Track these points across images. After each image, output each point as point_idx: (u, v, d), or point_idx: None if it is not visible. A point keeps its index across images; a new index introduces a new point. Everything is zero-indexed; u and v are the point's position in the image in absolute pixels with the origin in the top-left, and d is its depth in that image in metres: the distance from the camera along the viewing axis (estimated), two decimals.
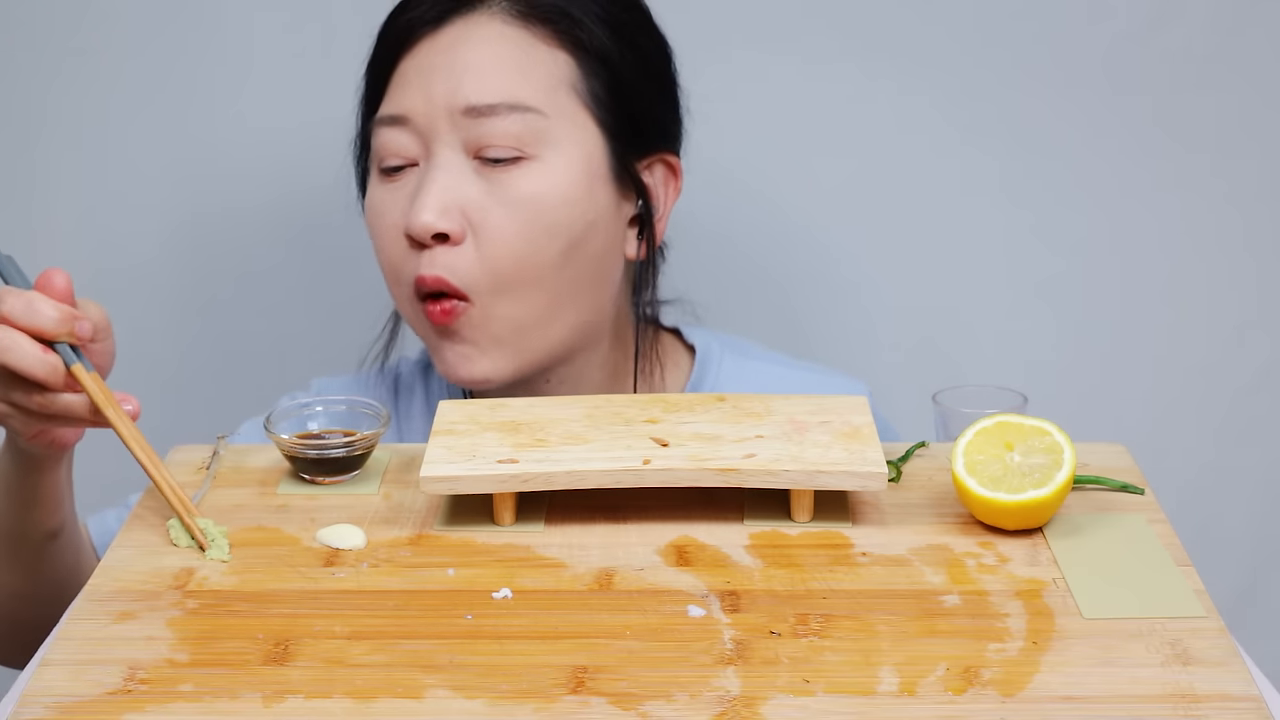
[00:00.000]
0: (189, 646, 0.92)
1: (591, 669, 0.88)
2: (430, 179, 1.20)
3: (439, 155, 1.21)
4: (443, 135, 1.20)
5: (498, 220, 1.20)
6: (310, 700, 0.86)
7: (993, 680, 0.87)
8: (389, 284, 1.26)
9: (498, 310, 1.22)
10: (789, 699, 0.86)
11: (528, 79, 1.20)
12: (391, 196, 1.23)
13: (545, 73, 1.21)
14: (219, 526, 1.03)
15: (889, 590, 0.96)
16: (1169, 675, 0.88)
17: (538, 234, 1.20)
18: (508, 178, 1.20)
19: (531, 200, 1.20)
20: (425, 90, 1.20)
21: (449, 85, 1.20)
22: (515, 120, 1.19)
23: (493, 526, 1.04)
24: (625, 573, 0.98)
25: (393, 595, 0.96)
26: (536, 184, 1.20)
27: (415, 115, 1.21)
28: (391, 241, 1.23)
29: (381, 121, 1.23)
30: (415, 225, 1.19)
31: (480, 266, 1.20)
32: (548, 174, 1.20)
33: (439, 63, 1.21)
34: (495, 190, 1.20)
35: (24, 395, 1.05)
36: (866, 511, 1.05)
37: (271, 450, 1.13)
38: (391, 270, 1.24)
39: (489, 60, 1.20)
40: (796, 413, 1.10)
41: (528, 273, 1.21)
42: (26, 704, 0.87)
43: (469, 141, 1.20)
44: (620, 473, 1.03)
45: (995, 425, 1.04)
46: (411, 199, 1.21)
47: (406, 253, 1.22)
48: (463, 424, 1.09)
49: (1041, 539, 1.02)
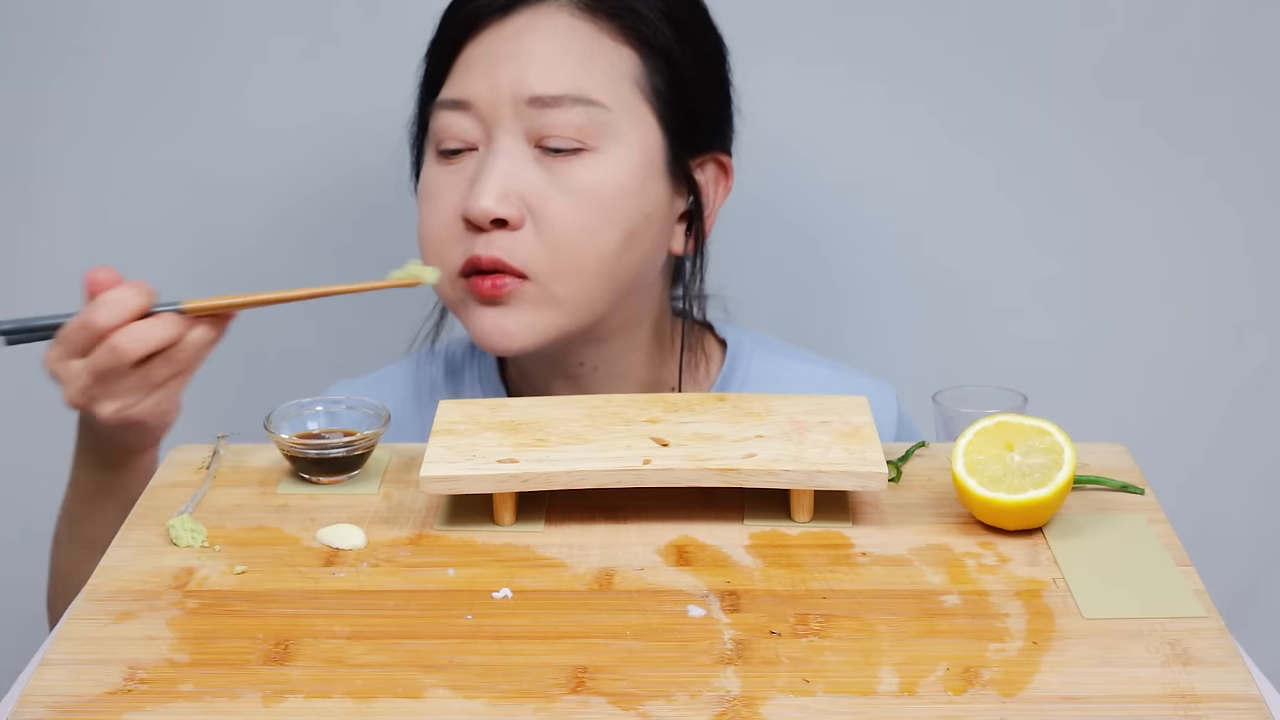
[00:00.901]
0: (189, 646, 0.92)
1: (591, 669, 0.88)
2: (491, 164, 1.21)
3: (500, 141, 1.22)
4: (505, 122, 1.21)
5: (557, 208, 1.21)
6: (310, 700, 0.86)
7: (993, 680, 0.87)
8: (429, 259, 1.25)
9: (551, 290, 1.23)
10: (789, 699, 0.86)
11: (592, 72, 1.22)
12: (449, 179, 1.24)
13: (609, 66, 1.22)
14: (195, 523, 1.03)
15: (889, 590, 0.96)
16: (1169, 675, 0.88)
17: (597, 223, 1.22)
18: (568, 167, 1.21)
19: (591, 191, 1.21)
20: (490, 77, 1.22)
21: (515, 74, 1.21)
22: (579, 112, 1.21)
23: (493, 526, 1.04)
24: (625, 573, 0.98)
25: (393, 595, 0.96)
26: (596, 175, 1.22)
27: (478, 101, 1.22)
28: (444, 222, 1.24)
29: (443, 105, 1.24)
30: (475, 209, 1.20)
31: (539, 251, 1.22)
32: (608, 166, 1.22)
33: (505, 51, 1.22)
34: (556, 179, 1.21)
35: (169, 364, 1.12)
36: (866, 511, 1.05)
37: (271, 450, 1.13)
38: (435, 246, 1.24)
39: (555, 51, 1.22)
40: (796, 413, 1.10)
41: (583, 260, 1.22)
42: (26, 704, 0.87)
43: (531, 130, 1.21)
44: (620, 473, 1.03)
45: (995, 425, 1.04)
46: (470, 183, 1.22)
47: (459, 234, 1.23)
48: (463, 424, 1.09)
49: (1041, 539, 1.02)
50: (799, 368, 1.38)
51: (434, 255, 1.25)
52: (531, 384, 1.34)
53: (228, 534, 1.04)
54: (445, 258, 1.24)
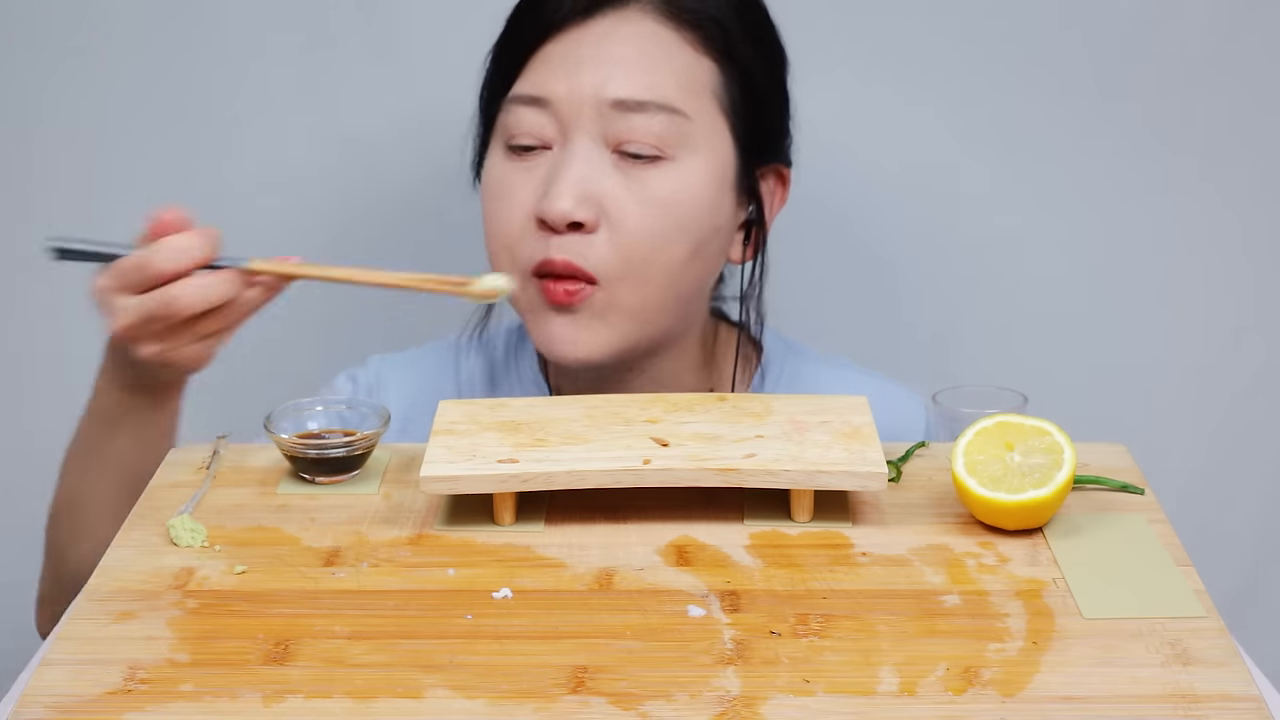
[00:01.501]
0: (189, 646, 0.92)
1: (591, 669, 0.88)
2: (569, 167, 1.20)
3: (577, 144, 1.21)
4: (584, 124, 1.21)
5: (634, 216, 1.21)
6: (310, 700, 0.86)
7: (993, 680, 0.87)
8: (498, 255, 1.25)
9: (619, 298, 1.23)
10: (789, 699, 0.86)
11: (676, 80, 1.21)
12: (521, 176, 1.23)
13: (692, 77, 1.22)
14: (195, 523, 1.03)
15: (889, 590, 0.96)
16: (1169, 675, 0.88)
17: (670, 233, 1.22)
18: (646, 175, 1.21)
19: (668, 200, 1.21)
20: (572, 78, 1.21)
21: (599, 76, 1.20)
22: (661, 120, 1.20)
23: (493, 526, 1.04)
24: (625, 573, 0.98)
25: (393, 595, 0.96)
26: (673, 185, 1.21)
27: (558, 100, 1.21)
28: (515, 219, 1.23)
29: (519, 100, 1.23)
30: (552, 212, 1.19)
31: (612, 256, 1.21)
32: (684, 176, 1.22)
33: (589, 53, 1.21)
34: (632, 186, 1.21)
35: (219, 320, 1.11)
36: (866, 511, 1.05)
37: (271, 450, 1.13)
38: (506, 244, 1.24)
39: (640, 57, 1.21)
40: (796, 413, 1.10)
41: (655, 269, 1.22)
42: (26, 704, 0.87)
43: (610, 134, 1.21)
44: (620, 473, 1.03)
45: (995, 425, 1.04)
46: (545, 182, 1.21)
47: (531, 232, 1.22)
48: (463, 424, 1.09)
49: (1041, 539, 1.02)
50: (832, 373, 1.38)
51: (505, 252, 1.24)
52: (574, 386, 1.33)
53: (228, 534, 1.04)
54: (516, 256, 1.23)
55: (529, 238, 1.22)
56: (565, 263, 1.20)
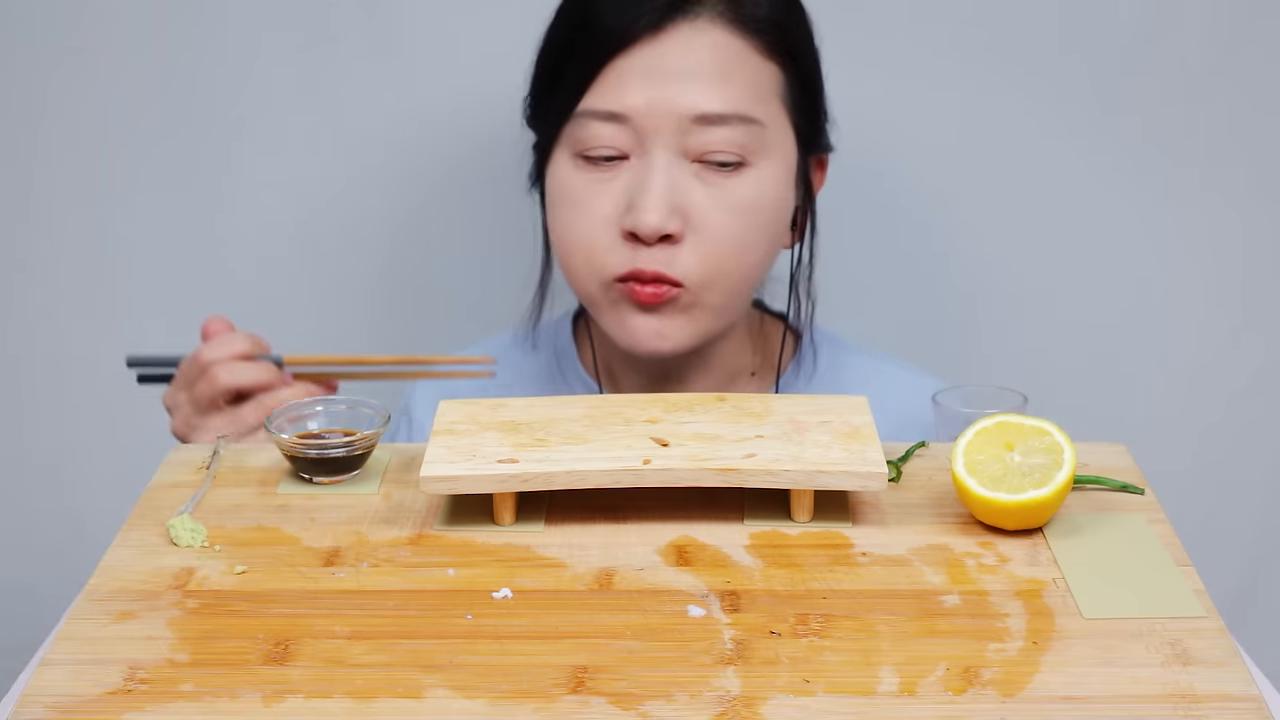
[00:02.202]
0: (189, 646, 0.92)
1: (591, 669, 0.88)
2: (654, 180, 1.23)
3: (658, 157, 1.23)
4: (664, 138, 1.23)
5: (719, 224, 1.24)
6: (310, 700, 0.86)
7: (993, 680, 0.87)
8: (575, 263, 1.27)
9: (703, 299, 1.26)
10: (789, 699, 0.86)
11: (750, 89, 1.24)
12: (598, 187, 1.25)
13: (762, 83, 1.24)
14: (195, 523, 1.03)
15: (889, 590, 0.96)
16: (1169, 675, 0.88)
17: (753, 236, 1.25)
18: (728, 183, 1.24)
19: (749, 206, 1.24)
20: (651, 93, 1.22)
21: (679, 91, 1.22)
22: (741, 131, 1.23)
23: (493, 526, 1.04)
24: (625, 573, 0.98)
25: (393, 595, 0.96)
26: (754, 191, 1.24)
27: (637, 115, 1.22)
28: (596, 229, 1.25)
29: (595, 115, 1.24)
30: (645, 226, 1.22)
31: (697, 264, 1.24)
32: (763, 181, 1.25)
33: (666, 66, 1.22)
34: (715, 195, 1.24)
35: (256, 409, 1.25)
36: (866, 511, 1.05)
37: (271, 450, 1.13)
38: (586, 254, 1.26)
39: (717, 69, 1.23)
40: (796, 413, 1.10)
41: (737, 271, 1.26)
42: (26, 704, 0.87)
43: (691, 146, 1.23)
44: (620, 473, 1.03)
45: (995, 425, 1.04)
46: (625, 193, 1.24)
47: (614, 242, 1.25)
48: (463, 424, 1.09)
49: (1041, 539, 1.02)
50: (871, 364, 1.41)
51: (584, 262, 1.26)
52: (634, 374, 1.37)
53: (228, 534, 1.04)
54: (598, 265, 1.26)
55: (613, 248, 1.25)
56: (655, 272, 1.24)
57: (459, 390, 1.36)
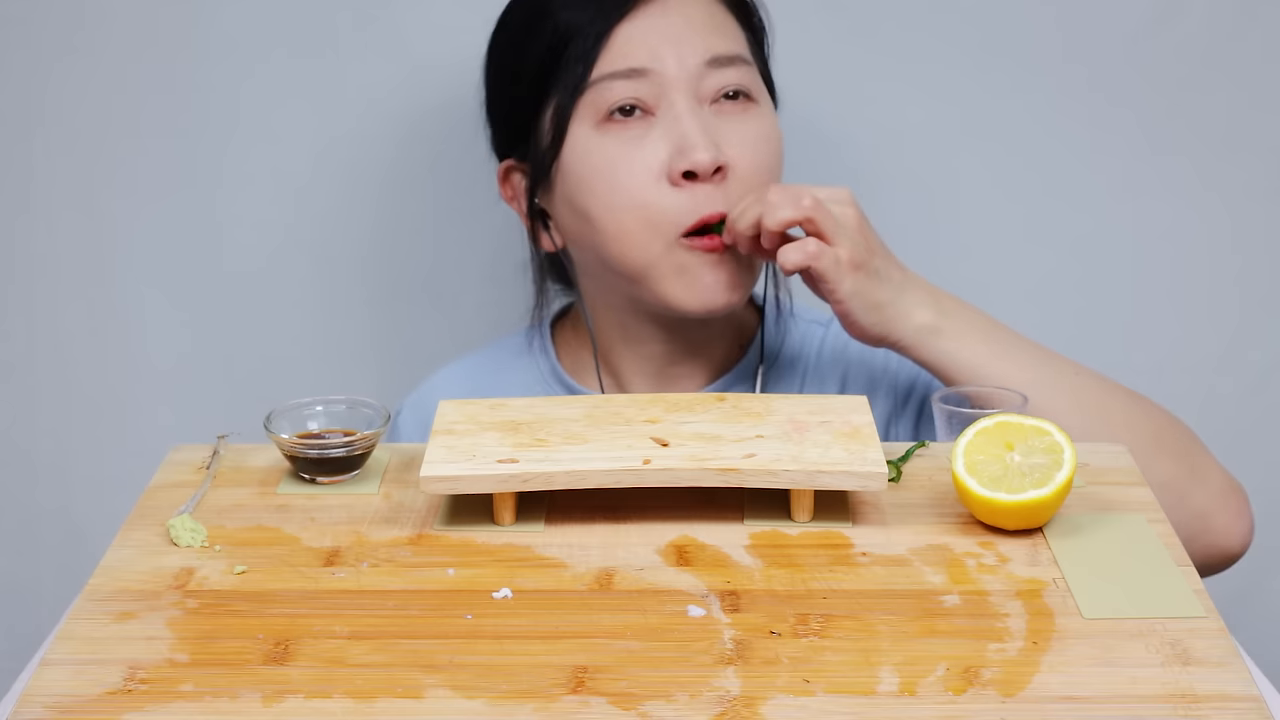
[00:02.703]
0: (189, 646, 0.92)
1: (591, 669, 0.88)
2: (689, 122, 1.27)
3: (681, 103, 1.28)
4: (683, 85, 1.28)
5: (749, 155, 1.30)
6: (310, 700, 0.86)
7: (993, 680, 0.87)
8: (628, 223, 1.28)
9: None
10: (789, 699, 0.86)
11: (741, 37, 1.34)
12: (630, 146, 1.28)
13: (742, 39, 1.34)
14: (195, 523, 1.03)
15: (889, 590, 0.96)
16: (1169, 675, 0.88)
17: (775, 166, 1.32)
18: (745, 118, 1.31)
19: (766, 138, 1.32)
20: (664, 46, 1.28)
21: (688, 40, 1.29)
22: (745, 71, 1.31)
23: (493, 526, 1.04)
24: (625, 573, 0.98)
25: (393, 595, 0.96)
26: (767, 124, 1.32)
27: (655, 66, 1.28)
28: (646, 185, 1.27)
29: (615, 75, 1.28)
30: (702, 161, 1.26)
31: (738, 198, 1.27)
32: (768, 116, 1.33)
33: (670, 23, 1.29)
34: (739, 130, 1.30)
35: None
36: (866, 511, 1.05)
37: (271, 450, 1.13)
38: (640, 211, 1.28)
39: (716, 21, 1.32)
40: (796, 413, 1.10)
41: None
42: (26, 704, 0.87)
43: (705, 90, 1.29)
44: (620, 473, 1.03)
45: (995, 425, 1.04)
46: (665, 143, 1.27)
47: (667, 192, 1.27)
48: (462, 424, 1.09)
49: (1041, 539, 1.02)
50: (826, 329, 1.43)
51: (639, 219, 1.27)
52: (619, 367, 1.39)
53: (228, 534, 1.04)
54: (656, 219, 1.27)
55: (666, 197, 1.27)
56: (719, 214, 1.27)
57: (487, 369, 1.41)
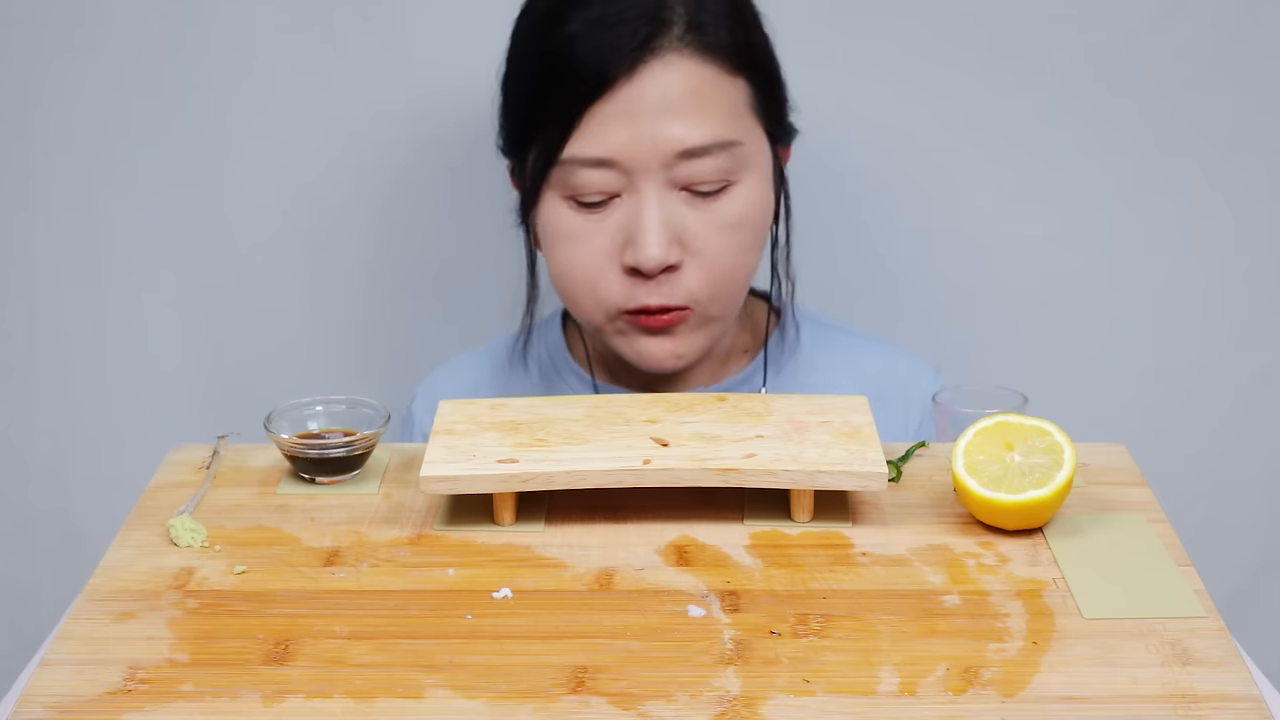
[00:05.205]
0: (189, 646, 0.92)
1: (591, 669, 0.88)
2: (648, 216, 1.25)
3: (649, 192, 1.25)
4: (652, 173, 1.24)
5: (715, 244, 1.26)
6: (310, 700, 0.87)
7: (993, 680, 0.87)
8: (579, 297, 1.30)
9: (710, 312, 1.30)
10: (789, 699, 0.86)
11: (726, 114, 1.25)
12: (593, 226, 1.27)
13: (735, 102, 1.26)
14: (195, 523, 1.04)
15: (889, 590, 0.96)
16: (1169, 675, 0.88)
17: (748, 247, 1.29)
18: (718, 205, 1.26)
19: (741, 221, 1.27)
20: (635, 134, 1.23)
21: (661, 131, 1.23)
22: (724, 156, 1.25)
23: (493, 526, 1.04)
24: (625, 573, 0.98)
25: (393, 595, 0.96)
26: (743, 206, 1.27)
27: (623, 158, 1.24)
28: (598, 265, 1.28)
29: (583, 162, 1.25)
30: (647, 262, 1.24)
31: (700, 284, 1.27)
32: (750, 194, 1.27)
33: (645, 105, 1.23)
34: (707, 217, 1.26)
35: None
36: (866, 511, 1.05)
37: (271, 450, 1.13)
38: (589, 289, 1.29)
39: (693, 100, 1.24)
40: (796, 412, 1.10)
41: (740, 279, 1.30)
42: (26, 704, 0.87)
43: (678, 178, 1.25)
44: (620, 473, 1.03)
45: (995, 425, 1.04)
46: (621, 229, 1.26)
47: (616, 276, 1.27)
48: (463, 424, 1.09)
49: (1041, 539, 1.02)
50: (845, 340, 1.43)
51: (588, 296, 1.29)
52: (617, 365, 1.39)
53: (228, 534, 1.04)
54: (603, 298, 1.28)
55: (615, 283, 1.27)
56: (661, 304, 1.27)
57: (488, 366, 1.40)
